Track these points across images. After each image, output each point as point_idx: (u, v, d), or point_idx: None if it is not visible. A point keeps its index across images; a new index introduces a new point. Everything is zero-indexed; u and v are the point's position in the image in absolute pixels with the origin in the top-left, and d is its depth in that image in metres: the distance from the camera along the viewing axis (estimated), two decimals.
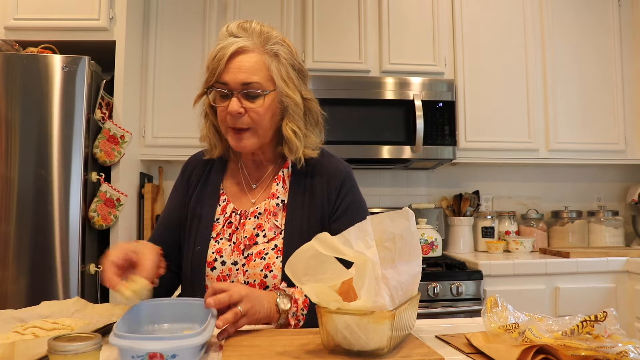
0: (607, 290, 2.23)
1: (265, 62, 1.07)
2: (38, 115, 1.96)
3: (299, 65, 1.13)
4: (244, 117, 1.07)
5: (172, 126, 2.49)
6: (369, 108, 2.48)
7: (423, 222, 2.53)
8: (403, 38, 2.60)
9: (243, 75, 1.05)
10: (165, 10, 2.54)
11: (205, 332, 0.75)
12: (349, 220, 1.13)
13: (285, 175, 1.18)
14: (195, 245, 1.13)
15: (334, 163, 1.20)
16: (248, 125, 1.08)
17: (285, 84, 1.09)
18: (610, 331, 0.71)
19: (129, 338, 0.71)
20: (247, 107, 1.06)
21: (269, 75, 1.07)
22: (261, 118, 1.07)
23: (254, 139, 1.10)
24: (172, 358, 0.70)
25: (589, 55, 2.70)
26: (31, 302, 1.05)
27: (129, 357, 0.70)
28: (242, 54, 1.06)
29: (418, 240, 0.90)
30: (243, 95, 1.06)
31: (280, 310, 0.97)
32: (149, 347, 0.70)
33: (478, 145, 2.60)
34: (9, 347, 0.72)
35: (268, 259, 1.08)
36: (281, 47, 1.09)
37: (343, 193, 1.16)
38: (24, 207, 1.92)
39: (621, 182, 3.02)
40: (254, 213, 1.14)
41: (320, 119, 1.19)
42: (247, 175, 1.21)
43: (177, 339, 0.71)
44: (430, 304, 2.11)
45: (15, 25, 2.21)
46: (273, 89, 1.08)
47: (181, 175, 1.26)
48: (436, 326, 0.99)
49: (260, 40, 1.07)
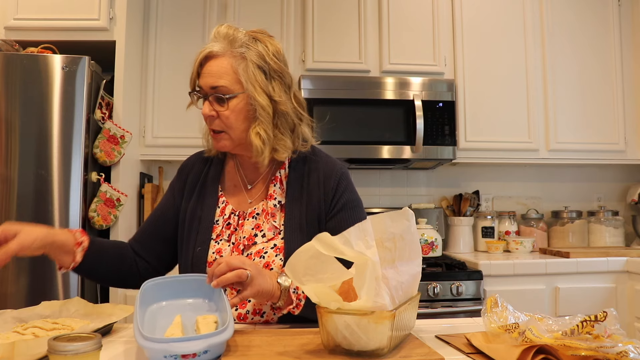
0: (607, 290, 2.23)
1: (232, 66, 1.08)
2: (38, 115, 1.96)
3: (270, 66, 1.10)
4: (215, 120, 1.10)
5: (172, 126, 2.49)
6: (369, 108, 2.48)
7: (423, 222, 2.53)
8: (403, 38, 2.60)
9: (211, 79, 1.08)
10: (165, 10, 2.54)
11: (229, 327, 0.77)
12: (346, 218, 1.14)
13: (282, 176, 1.19)
14: (196, 246, 1.14)
15: (329, 163, 1.21)
16: (220, 128, 1.11)
17: (252, 86, 1.08)
18: (610, 331, 0.71)
19: (162, 341, 0.72)
20: (217, 111, 1.09)
21: (237, 78, 1.08)
22: (230, 121, 1.09)
23: (228, 141, 1.12)
24: (204, 354, 0.74)
25: (589, 55, 2.70)
26: (31, 302, 1.05)
27: (161, 357, 0.72)
28: (212, 58, 1.09)
29: (418, 241, 0.90)
30: (214, 98, 1.09)
31: (282, 288, 0.98)
32: (183, 349, 0.72)
33: (478, 145, 2.60)
34: (8, 347, 0.72)
35: (267, 258, 1.09)
36: (248, 50, 1.08)
37: (339, 192, 1.16)
38: (24, 207, 1.92)
39: (621, 182, 3.02)
40: (252, 214, 1.15)
41: (294, 120, 1.15)
42: (244, 176, 1.22)
43: (209, 337, 0.74)
44: (430, 304, 2.11)
45: (15, 25, 2.21)
46: (241, 92, 1.09)
47: (178, 176, 1.27)
48: (436, 326, 1.00)
49: (226, 43, 1.09)
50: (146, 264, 1.20)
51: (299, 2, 2.60)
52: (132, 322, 0.84)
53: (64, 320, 0.95)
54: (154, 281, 0.94)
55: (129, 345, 0.87)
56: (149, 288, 0.92)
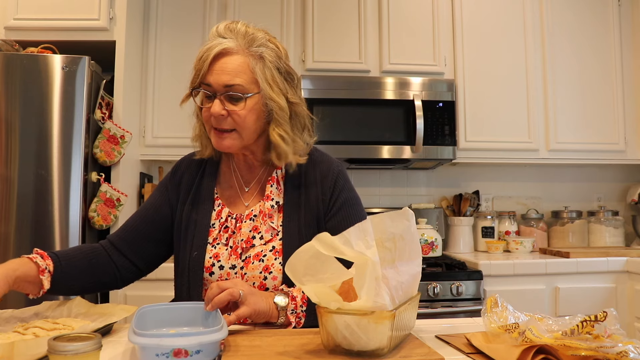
0: (607, 290, 2.23)
1: (249, 65, 1.05)
2: (38, 115, 1.96)
3: (285, 68, 1.11)
4: (227, 118, 1.06)
5: (172, 126, 2.49)
6: (369, 108, 2.48)
7: (423, 222, 2.53)
8: (403, 38, 2.60)
9: (226, 77, 1.04)
10: (165, 10, 2.54)
11: (224, 327, 0.77)
12: (345, 217, 1.14)
13: (279, 177, 1.17)
14: (192, 251, 1.12)
15: (326, 162, 1.20)
16: (231, 126, 1.07)
17: (270, 87, 1.07)
18: (610, 331, 0.71)
19: (153, 336, 0.72)
20: (230, 109, 1.06)
21: (253, 77, 1.06)
22: (243, 121, 1.06)
23: (237, 140, 1.09)
24: (196, 354, 0.72)
25: (589, 55, 2.70)
26: (31, 302, 1.05)
27: (152, 355, 0.71)
28: (226, 55, 1.05)
29: (418, 240, 0.90)
30: (226, 97, 1.05)
31: (279, 308, 0.97)
32: (175, 343, 0.71)
33: (478, 145, 2.60)
34: (8, 347, 0.72)
35: (266, 261, 1.08)
36: (266, 50, 1.08)
37: (337, 191, 1.16)
38: (24, 207, 1.92)
39: (621, 182, 3.02)
40: (249, 216, 1.14)
41: (308, 122, 1.16)
42: (240, 177, 1.20)
43: (202, 334, 0.73)
44: (430, 304, 2.11)
45: (15, 25, 2.21)
46: (257, 92, 1.07)
47: (171, 176, 1.24)
48: (436, 326, 0.99)
49: (245, 41, 1.06)
50: (128, 263, 1.16)
51: (299, 2, 2.60)
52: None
53: (64, 320, 0.95)
54: (150, 307, 0.91)
55: (129, 345, 0.87)
56: (145, 314, 0.89)
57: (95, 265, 1.11)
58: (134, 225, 1.19)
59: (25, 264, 0.99)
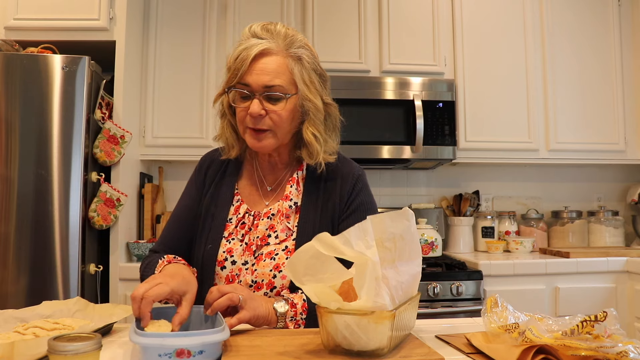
0: (607, 290, 2.23)
1: (288, 66, 1.07)
2: (38, 115, 1.96)
3: (320, 69, 1.13)
4: (264, 118, 1.07)
5: (172, 126, 2.49)
6: (369, 108, 2.48)
7: (423, 222, 2.53)
8: (403, 38, 2.60)
9: (266, 78, 1.05)
10: (165, 10, 2.54)
11: (226, 328, 0.77)
12: (357, 221, 1.12)
13: (299, 178, 1.18)
14: (207, 244, 1.13)
15: (347, 166, 1.21)
16: (268, 127, 1.08)
17: (307, 88, 1.09)
18: (610, 331, 0.71)
19: (156, 336, 0.72)
20: (268, 109, 1.06)
21: (292, 78, 1.07)
22: (282, 121, 1.08)
23: (272, 140, 1.10)
24: (199, 354, 0.72)
25: (589, 55, 2.70)
26: (31, 302, 1.05)
27: (155, 355, 0.71)
28: (266, 56, 1.06)
29: (418, 240, 0.90)
30: (265, 97, 1.06)
31: (278, 314, 0.97)
32: (177, 343, 0.71)
33: (478, 145, 2.60)
34: (8, 347, 0.72)
35: (278, 259, 1.09)
36: (304, 51, 1.09)
37: (354, 194, 1.17)
38: (24, 207, 1.92)
39: (621, 182, 3.02)
40: (267, 214, 1.14)
41: (338, 123, 1.18)
42: (262, 177, 1.21)
43: (205, 334, 0.73)
44: (430, 304, 2.11)
45: (15, 25, 2.21)
46: (295, 93, 1.08)
47: (197, 171, 1.25)
48: (436, 326, 0.99)
49: (285, 43, 1.07)
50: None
51: (299, 2, 2.60)
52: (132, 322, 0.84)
53: (64, 320, 0.95)
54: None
55: (129, 345, 0.87)
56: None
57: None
58: (175, 233, 1.19)
59: (186, 266, 1.06)
